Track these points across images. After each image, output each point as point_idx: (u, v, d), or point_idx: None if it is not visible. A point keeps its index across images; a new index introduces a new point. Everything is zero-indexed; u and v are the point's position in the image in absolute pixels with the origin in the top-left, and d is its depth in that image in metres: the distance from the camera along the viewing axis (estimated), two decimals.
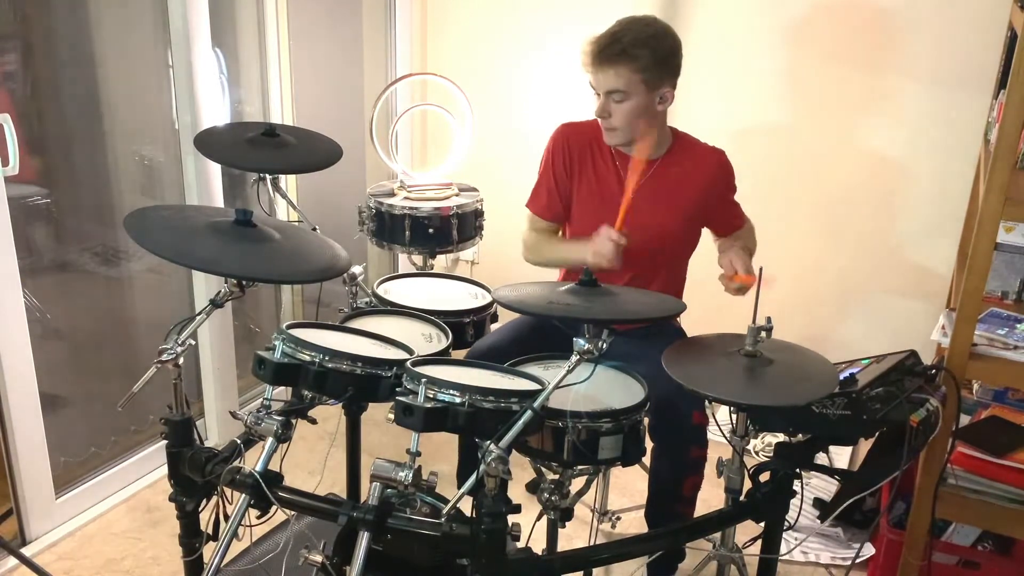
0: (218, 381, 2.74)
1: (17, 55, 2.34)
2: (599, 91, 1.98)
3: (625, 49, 1.92)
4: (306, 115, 3.20)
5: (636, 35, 1.94)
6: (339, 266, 1.59)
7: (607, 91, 1.96)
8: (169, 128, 2.65)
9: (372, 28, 3.34)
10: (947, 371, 1.81)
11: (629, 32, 1.94)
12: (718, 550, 1.84)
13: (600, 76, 1.95)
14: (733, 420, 1.68)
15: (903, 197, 2.79)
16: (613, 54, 1.92)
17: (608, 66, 1.93)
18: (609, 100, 1.97)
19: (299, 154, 2.00)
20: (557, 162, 2.13)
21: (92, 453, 2.55)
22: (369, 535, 1.40)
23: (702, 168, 2.11)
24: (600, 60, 1.94)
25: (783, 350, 1.66)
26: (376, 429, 2.82)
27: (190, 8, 2.43)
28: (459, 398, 1.39)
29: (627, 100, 1.96)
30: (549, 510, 1.71)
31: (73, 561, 2.25)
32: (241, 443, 1.55)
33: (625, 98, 1.96)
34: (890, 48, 2.69)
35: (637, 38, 1.93)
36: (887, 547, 2.12)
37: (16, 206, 2.16)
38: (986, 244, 1.78)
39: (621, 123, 1.99)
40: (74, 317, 2.60)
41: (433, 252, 2.52)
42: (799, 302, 2.95)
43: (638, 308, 1.61)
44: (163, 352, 1.55)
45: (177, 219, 1.61)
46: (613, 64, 1.93)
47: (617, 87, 1.94)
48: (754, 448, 2.79)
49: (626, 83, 1.94)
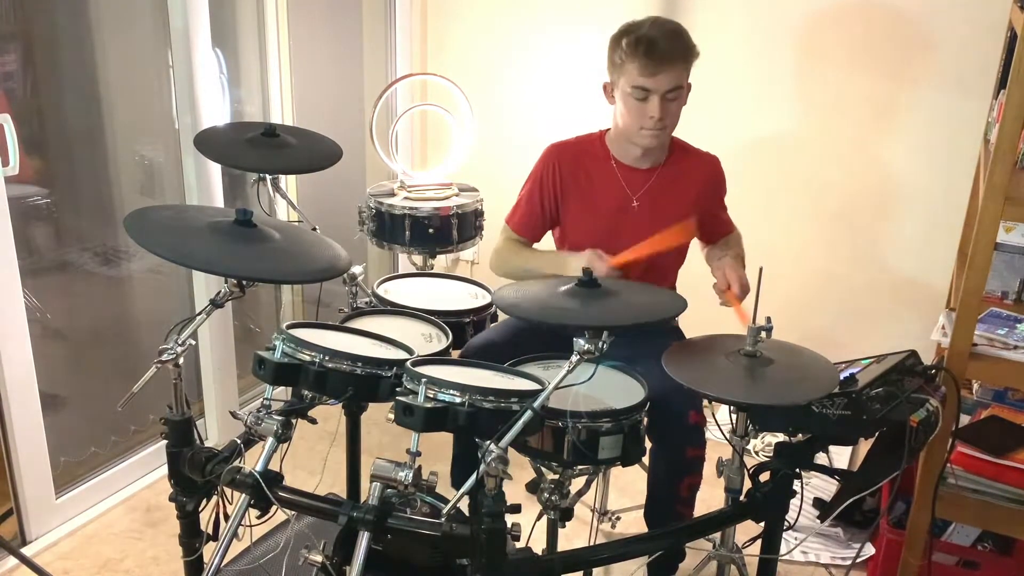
0: (218, 381, 2.74)
1: (17, 55, 2.34)
2: (656, 92, 1.92)
3: (688, 45, 1.93)
4: (306, 115, 3.20)
5: (683, 33, 1.95)
6: (339, 266, 1.59)
7: (667, 90, 1.93)
8: (169, 128, 2.65)
9: (372, 28, 3.34)
10: (947, 371, 1.81)
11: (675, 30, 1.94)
12: (718, 550, 1.84)
13: (662, 77, 1.91)
14: (733, 420, 1.68)
15: (903, 197, 2.79)
16: (680, 51, 1.92)
17: (670, 65, 1.90)
18: (665, 100, 1.93)
19: (299, 154, 2.00)
20: (546, 185, 2.10)
21: (92, 453, 2.55)
22: (369, 535, 1.40)
23: (698, 174, 2.11)
24: (663, 60, 1.90)
25: (783, 350, 1.66)
26: (376, 429, 2.82)
27: (190, 8, 2.43)
28: (459, 398, 1.39)
29: (679, 97, 1.96)
30: (549, 510, 1.71)
31: (73, 561, 2.25)
32: (241, 443, 1.55)
33: (679, 94, 1.95)
34: (890, 48, 2.69)
35: (685, 35, 1.94)
36: (887, 547, 2.12)
37: (16, 206, 2.16)
38: (986, 244, 1.78)
39: (673, 120, 1.99)
40: (74, 317, 2.60)
41: (433, 252, 2.52)
42: (799, 302, 2.95)
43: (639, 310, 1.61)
44: (163, 352, 1.55)
45: (177, 219, 1.61)
46: (675, 63, 1.91)
47: (679, 83, 1.94)
48: (754, 448, 2.79)
49: (682, 79, 1.94)
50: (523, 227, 2.16)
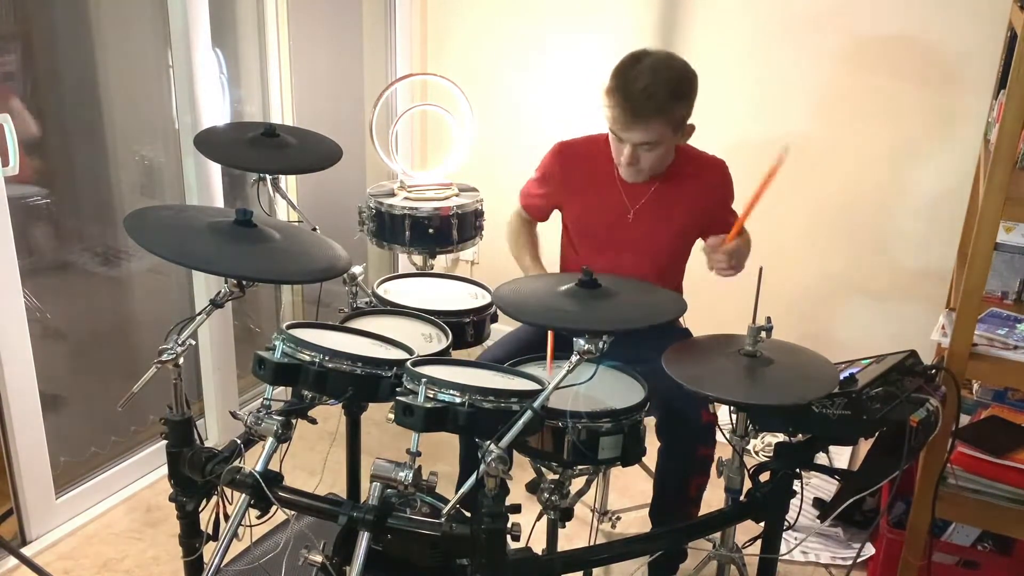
0: (218, 381, 2.74)
1: (17, 55, 2.34)
2: (627, 143, 1.92)
3: (663, 106, 1.85)
4: (306, 115, 3.20)
5: (668, 88, 1.85)
6: (339, 266, 1.59)
7: (638, 143, 1.91)
8: (169, 128, 2.65)
9: (372, 28, 3.34)
10: (947, 371, 1.81)
11: (660, 85, 1.84)
12: (718, 550, 1.84)
13: (632, 133, 1.88)
14: (733, 420, 1.68)
15: (903, 197, 2.79)
16: (651, 112, 1.85)
17: (643, 124, 1.86)
18: (637, 149, 1.92)
19: (299, 154, 2.00)
20: (552, 178, 2.14)
21: (92, 453, 2.55)
22: (369, 535, 1.40)
23: (705, 179, 2.10)
24: (634, 120, 1.86)
25: (783, 350, 1.66)
26: (376, 429, 2.82)
27: (190, 8, 2.43)
28: (459, 398, 1.39)
29: (657, 147, 1.93)
30: (549, 510, 1.71)
31: (73, 561, 2.25)
32: (241, 443, 1.55)
33: (655, 147, 1.92)
34: (890, 48, 2.69)
35: (670, 92, 1.86)
36: (887, 547, 2.12)
37: (16, 206, 2.15)
38: (986, 244, 1.78)
39: (648, 166, 1.97)
40: (74, 317, 2.60)
41: (433, 252, 2.52)
42: (799, 302, 2.95)
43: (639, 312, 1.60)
44: (163, 352, 1.55)
45: (177, 219, 1.61)
46: (648, 122, 1.86)
47: (649, 140, 1.90)
48: (754, 448, 2.79)
49: (659, 136, 1.90)
50: (529, 208, 2.26)
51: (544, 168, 2.15)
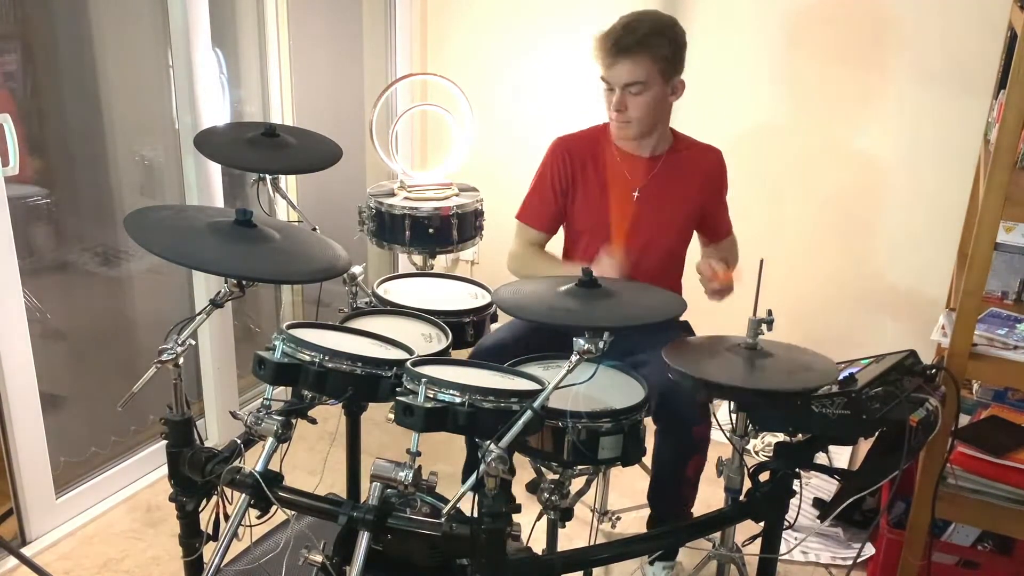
0: (218, 381, 2.74)
1: (17, 55, 2.34)
2: (615, 85, 1.95)
3: (644, 39, 1.90)
4: (306, 115, 3.20)
5: (652, 24, 1.92)
6: (339, 266, 1.59)
7: (625, 83, 1.93)
8: (169, 128, 2.65)
9: (372, 28, 3.34)
10: (947, 371, 1.81)
11: (644, 22, 1.91)
12: (718, 550, 1.84)
13: (618, 69, 1.92)
14: (733, 420, 1.68)
15: (903, 197, 2.79)
16: (632, 44, 1.89)
17: (626, 57, 1.90)
18: (626, 93, 1.94)
19: (299, 154, 2.00)
20: (554, 176, 2.12)
21: (92, 453, 2.55)
22: (369, 535, 1.40)
23: (702, 166, 2.11)
24: (617, 51, 1.90)
25: (783, 347, 1.67)
26: (376, 429, 2.82)
27: (190, 8, 2.43)
28: (459, 398, 1.39)
29: (645, 91, 1.94)
30: (549, 510, 1.71)
31: (73, 561, 2.25)
32: (241, 443, 1.55)
33: (643, 89, 1.93)
34: (890, 48, 2.69)
35: (654, 27, 1.91)
36: (887, 547, 2.12)
37: (16, 206, 2.15)
38: (986, 244, 1.78)
39: (638, 114, 1.97)
40: (74, 317, 2.60)
41: (433, 252, 2.51)
42: (798, 302, 2.95)
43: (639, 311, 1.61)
44: (163, 352, 1.55)
45: (177, 219, 1.61)
46: (632, 55, 1.90)
47: (636, 78, 1.92)
48: (754, 448, 2.79)
49: (646, 73, 1.92)
50: (535, 220, 2.18)
51: (546, 166, 2.15)
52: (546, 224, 2.18)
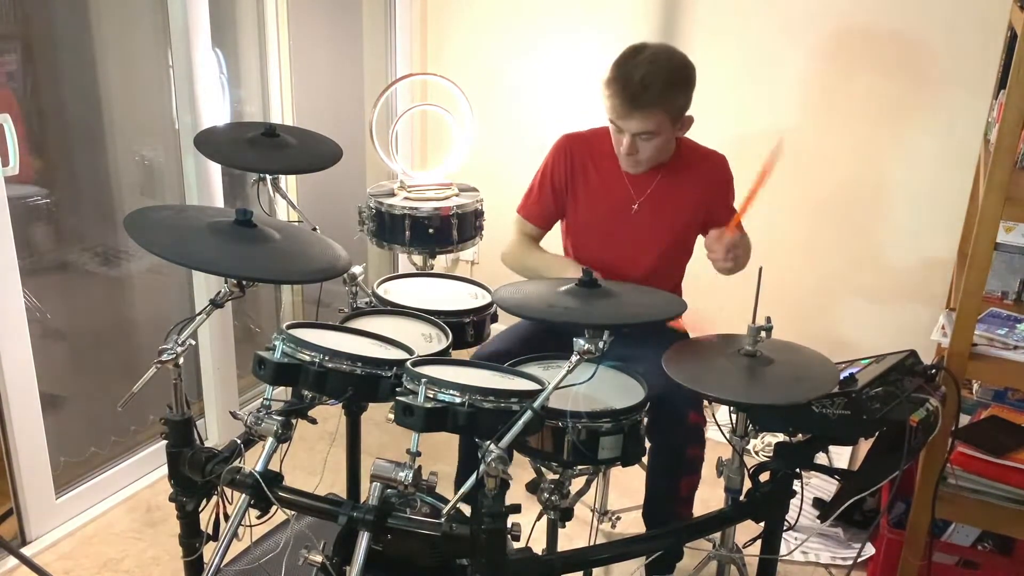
0: (218, 381, 2.74)
1: (17, 55, 2.34)
2: (625, 132, 1.95)
3: (660, 95, 1.88)
4: (306, 115, 3.20)
5: (666, 78, 1.89)
6: (339, 266, 1.59)
7: (637, 133, 1.93)
8: (169, 128, 2.65)
9: (372, 28, 3.34)
10: (947, 371, 1.81)
11: (657, 75, 1.87)
12: (718, 550, 1.84)
13: (632, 122, 1.91)
14: (733, 420, 1.68)
15: (903, 197, 2.79)
16: (648, 102, 1.88)
17: (640, 112, 1.89)
18: (637, 139, 1.95)
19: (299, 154, 2.00)
20: (557, 172, 2.13)
21: (92, 453, 2.55)
22: (369, 535, 1.40)
23: (706, 173, 2.11)
24: (633, 106, 1.89)
25: (783, 350, 1.66)
26: (376, 429, 2.82)
27: (190, 8, 2.43)
28: (459, 398, 1.39)
29: (655, 137, 1.95)
30: (549, 510, 1.71)
31: (73, 561, 2.25)
32: (241, 443, 1.55)
33: (653, 137, 1.94)
34: (890, 48, 2.69)
35: (667, 81, 1.89)
36: (887, 547, 2.12)
37: (16, 206, 2.15)
38: (986, 244, 1.78)
39: (648, 155, 1.99)
40: (74, 317, 2.60)
41: (433, 252, 2.51)
42: (799, 302, 2.95)
43: (640, 310, 1.61)
44: (163, 352, 1.55)
45: (177, 219, 1.61)
46: (646, 110, 1.89)
47: (648, 129, 1.92)
48: (754, 448, 2.79)
49: (657, 125, 1.92)
50: (534, 215, 2.19)
51: (549, 161, 2.15)
52: (541, 219, 2.19)
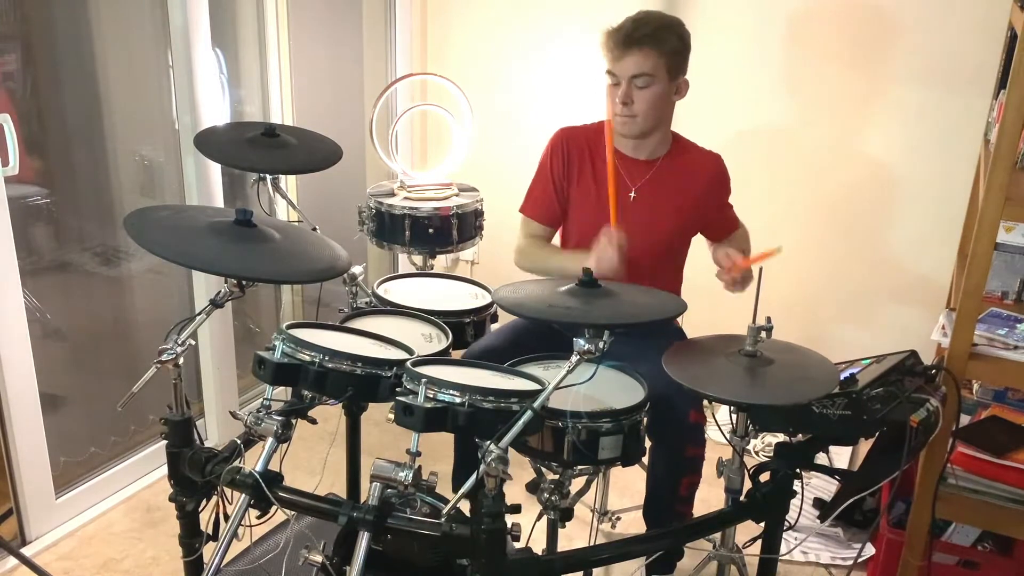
0: (218, 381, 2.74)
1: (17, 55, 2.34)
2: (622, 77, 1.97)
3: (654, 32, 1.94)
4: (306, 115, 3.20)
5: (660, 20, 1.97)
6: (339, 266, 1.59)
7: (632, 75, 1.95)
8: (169, 128, 2.65)
9: (372, 28, 3.34)
10: (947, 371, 1.81)
11: (652, 18, 1.97)
12: (718, 550, 1.84)
13: (626, 60, 1.95)
14: (733, 420, 1.68)
15: (903, 197, 2.79)
16: (641, 36, 1.93)
17: (636, 49, 1.93)
18: (632, 86, 1.96)
19: (299, 154, 2.00)
20: (556, 166, 2.12)
21: (92, 453, 2.55)
22: (369, 535, 1.40)
23: (701, 172, 2.11)
24: (627, 43, 1.94)
25: (783, 350, 1.66)
26: (376, 429, 2.82)
27: (190, 8, 2.43)
28: (459, 398, 1.39)
29: (651, 86, 1.97)
30: (549, 510, 1.71)
31: (73, 561, 2.25)
32: (241, 443, 1.55)
33: (649, 83, 1.96)
34: (890, 48, 2.69)
35: (662, 22, 1.97)
36: (887, 547, 2.12)
37: (16, 206, 2.16)
38: (986, 244, 1.78)
39: (643, 109, 1.99)
40: (74, 317, 2.60)
41: (433, 252, 2.51)
42: (799, 302, 2.95)
43: (639, 310, 1.61)
44: (163, 352, 1.55)
45: (177, 219, 1.61)
46: (641, 47, 1.93)
47: (643, 70, 1.95)
48: (754, 448, 2.79)
49: (652, 66, 1.95)
50: (538, 213, 2.18)
51: (547, 157, 2.15)
52: (547, 216, 2.17)
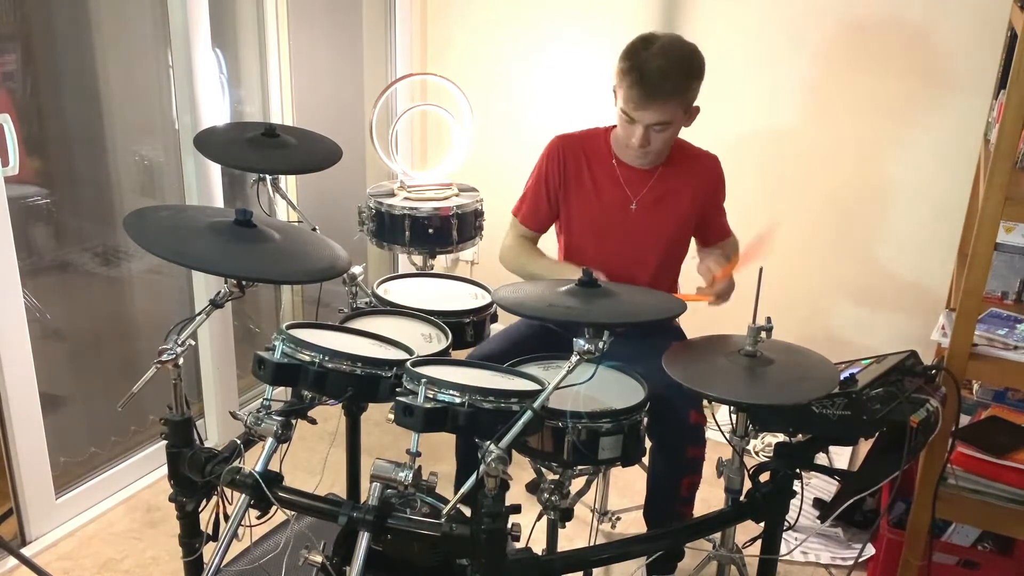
0: (218, 381, 2.74)
1: (17, 55, 2.34)
2: (640, 123, 1.93)
3: (678, 86, 1.90)
4: (306, 115, 3.20)
5: (683, 68, 1.91)
6: (339, 266, 1.59)
7: (652, 124, 1.93)
8: (169, 128, 2.65)
9: (372, 28, 3.34)
10: (947, 371, 1.81)
11: (675, 64, 1.89)
12: (718, 550, 1.84)
13: (648, 112, 1.91)
14: (733, 420, 1.68)
15: (903, 197, 2.79)
16: (666, 93, 1.88)
17: (657, 104, 1.89)
18: (650, 130, 1.94)
19: (299, 154, 2.00)
20: (551, 173, 2.12)
21: (92, 453, 2.55)
22: (369, 535, 1.40)
23: (700, 173, 2.11)
24: (650, 100, 1.89)
25: (783, 350, 1.66)
26: (376, 429, 2.82)
27: (190, 8, 2.43)
28: (459, 398, 1.39)
29: (668, 128, 1.95)
30: (549, 510, 1.71)
31: (73, 561, 2.25)
32: (241, 443, 1.55)
33: (667, 127, 1.95)
34: (890, 48, 2.69)
35: (685, 72, 1.91)
36: (887, 547, 2.12)
37: (16, 206, 2.16)
38: (986, 244, 1.78)
39: (659, 147, 1.99)
40: (74, 317, 2.60)
41: (433, 252, 2.51)
42: (799, 302, 2.95)
43: (639, 310, 1.61)
44: (163, 352, 1.55)
45: (177, 219, 1.61)
46: (663, 102, 1.89)
47: (662, 120, 1.92)
48: (754, 448, 2.79)
49: (671, 115, 1.93)
50: (529, 218, 2.18)
51: (543, 163, 2.14)
52: (537, 222, 2.18)
